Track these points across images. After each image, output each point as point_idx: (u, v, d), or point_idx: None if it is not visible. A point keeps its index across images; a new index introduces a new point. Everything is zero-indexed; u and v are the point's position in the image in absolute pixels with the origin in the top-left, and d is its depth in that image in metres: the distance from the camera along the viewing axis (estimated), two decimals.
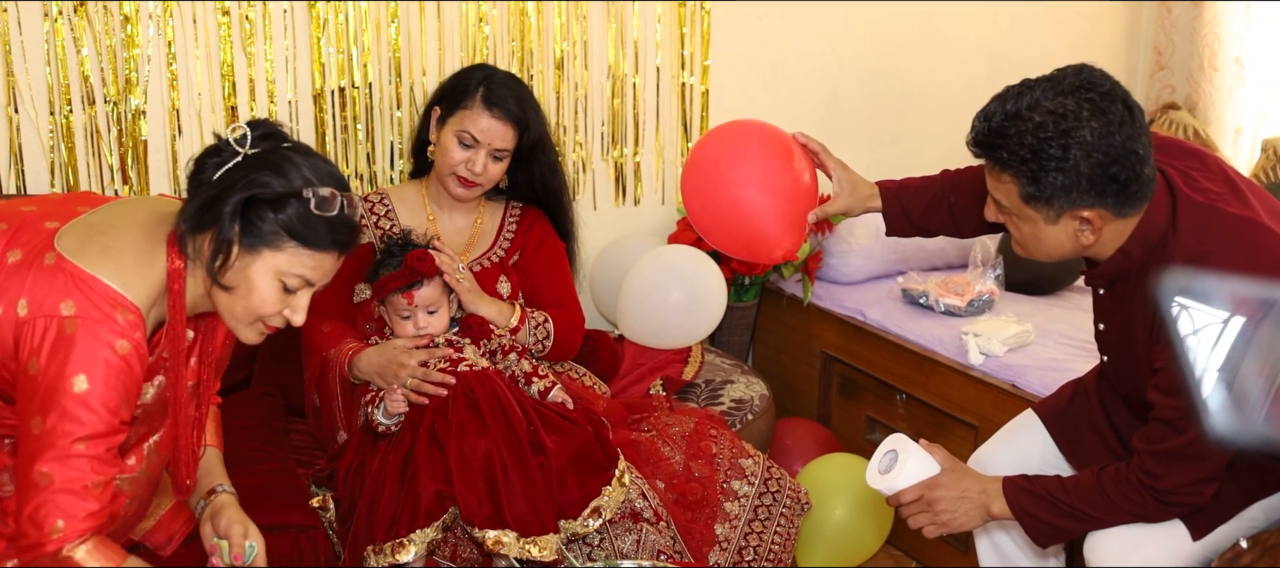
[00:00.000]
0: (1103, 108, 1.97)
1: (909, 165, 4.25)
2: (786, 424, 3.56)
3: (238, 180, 1.85)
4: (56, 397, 1.77)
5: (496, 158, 2.81)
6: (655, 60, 3.69)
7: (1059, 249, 2.12)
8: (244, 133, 1.89)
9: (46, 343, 1.78)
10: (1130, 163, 1.98)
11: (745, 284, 3.75)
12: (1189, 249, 2.04)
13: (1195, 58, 4.54)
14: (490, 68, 2.90)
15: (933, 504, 2.29)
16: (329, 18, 3.20)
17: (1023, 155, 1.99)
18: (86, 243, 1.86)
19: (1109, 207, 2.02)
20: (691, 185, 2.53)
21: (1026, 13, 4.42)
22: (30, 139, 2.96)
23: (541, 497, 2.40)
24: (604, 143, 3.69)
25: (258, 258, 1.87)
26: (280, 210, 1.85)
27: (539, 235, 2.98)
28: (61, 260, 1.82)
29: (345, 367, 2.62)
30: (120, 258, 1.86)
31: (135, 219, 1.94)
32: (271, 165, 1.87)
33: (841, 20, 4.04)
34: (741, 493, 2.69)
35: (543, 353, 2.87)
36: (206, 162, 1.90)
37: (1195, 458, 2.08)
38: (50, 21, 2.90)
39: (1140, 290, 2.12)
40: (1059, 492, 2.21)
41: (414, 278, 2.59)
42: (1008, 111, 2.01)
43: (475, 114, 2.78)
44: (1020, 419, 2.63)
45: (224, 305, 1.92)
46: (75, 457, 1.78)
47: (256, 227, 1.85)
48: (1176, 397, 2.04)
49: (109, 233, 1.89)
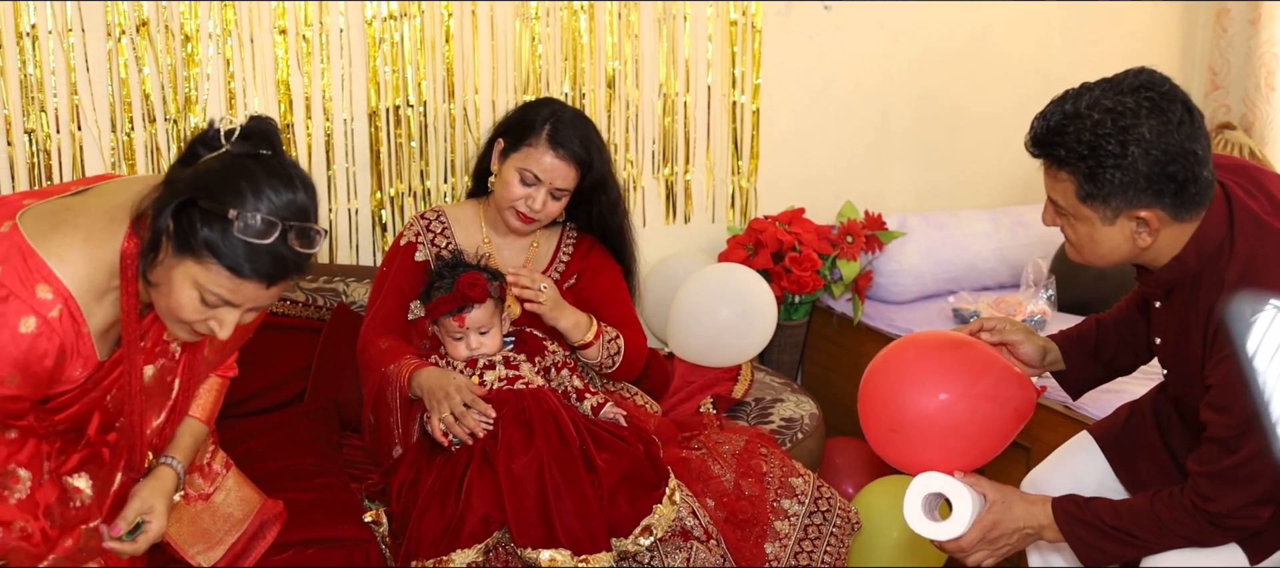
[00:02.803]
0: (1162, 107, 1.96)
1: (959, 184, 4.26)
2: (836, 443, 3.55)
3: (196, 179, 1.78)
4: None
5: (556, 197, 2.81)
6: (707, 79, 3.71)
7: (1115, 251, 2.09)
8: (234, 127, 1.82)
9: None
10: (1188, 163, 1.96)
11: (795, 303, 3.75)
12: (1243, 262, 2.02)
13: (1251, 77, 4.49)
14: (558, 105, 2.87)
15: (994, 542, 2.26)
16: (385, 37, 3.24)
17: (1081, 152, 1.98)
18: (47, 219, 1.82)
19: (1166, 208, 2.00)
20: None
21: (1079, 32, 4.39)
22: (93, 156, 3.02)
23: (594, 515, 2.41)
24: (655, 161, 3.70)
25: (181, 263, 1.78)
26: (209, 224, 1.75)
27: (597, 261, 2.99)
28: (14, 231, 1.80)
29: (405, 382, 2.64)
30: (70, 235, 1.82)
31: (112, 199, 1.89)
32: (226, 175, 1.77)
33: (893, 39, 4.04)
34: (791, 512, 2.69)
35: (612, 369, 2.88)
36: (197, 147, 1.84)
37: (1248, 479, 2.04)
38: (113, 41, 2.96)
39: (1196, 302, 2.09)
40: (1110, 517, 2.18)
41: (464, 302, 2.61)
42: (1066, 111, 2.01)
43: (539, 152, 2.77)
44: (1075, 441, 2.61)
45: (154, 298, 1.86)
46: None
47: (185, 233, 1.77)
48: (1229, 414, 2.02)
49: (74, 212, 1.85)
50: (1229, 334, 2.00)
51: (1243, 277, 2.01)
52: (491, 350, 2.66)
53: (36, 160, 2.96)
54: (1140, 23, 4.55)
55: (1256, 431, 2.00)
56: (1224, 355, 2.01)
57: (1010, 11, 4.25)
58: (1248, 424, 2.00)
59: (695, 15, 3.63)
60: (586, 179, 2.85)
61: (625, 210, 3.03)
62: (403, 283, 2.82)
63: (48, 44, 2.92)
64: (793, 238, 3.62)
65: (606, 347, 2.85)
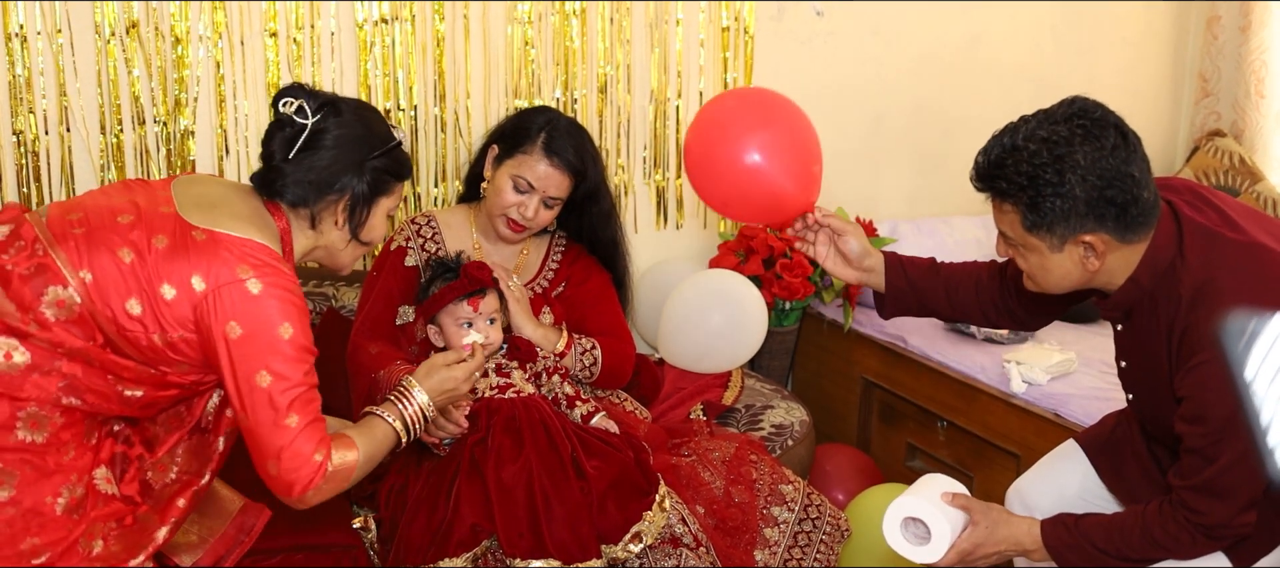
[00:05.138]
0: (1094, 133, 2.00)
1: (951, 191, 4.26)
2: (826, 450, 3.55)
3: (348, 154, 2.11)
4: (274, 348, 1.95)
5: (548, 205, 2.81)
6: (698, 85, 3.70)
7: (1067, 277, 2.13)
8: (300, 105, 2.09)
9: (240, 305, 1.94)
10: (1126, 185, 2.00)
11: (786, 309, 3.74)
12: (1197, 274, 2.05)
13: (1241, 85, 4.51)
14: (554, 113, 2.86)
15: (975, 563, 2.28)
16: (376, 41, 3.23)
17: (1021, 183, 2.04)
18: (215, 216, 2.01)
19: (1110, 231, 2.04)
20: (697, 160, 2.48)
21: (1071, 39, 4.40)
22: (81, 158, 3.00)
23: (583, 522, 2.40)
24: (646, 166, 3.70)
25: (376, 205, 2.18)
26: (388, 159, 2.16)
27: (584, 268, 2.98)
28: (212, 234, 1.97)
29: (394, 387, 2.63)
30: (250, 223, 2.03)
31: (226, 191, 2.12)
32: (363, 127, 2.14)
33: (886, 45, 4.04)
34: (781, 519, 2.69)
35: (591, 380, 2.86)
36: (275, 136, 2.11)
37: (1232, 487, 2.06)
38: (102, 42, 2.95)
39: (1155, 320, 2.12)
40: (1101, 539, 2.19)
41: (476, 285, 2.60)
42: (1005, 145, 2.08)
43: (534, 160, 2.77)
44: (1061, 449, 2.62)
45: (349, 255, 2.23)
46: (311, 397, 2.01)
47: (380, 182, 2.16)
48: (1204, 424, 2.04)
49: (222, 204, 2.05)
50: (1196, 343, 2.02)
51: (1199, 288, 2.04)
52: (497, 343, 2.65)
53: (25, 162, 2.94)
54: (1131, 30, 4.56)
55: (1232, 437, 2.03)
56: (1192, 365, 2.04)
57: (1003, 18, 4.26)
58: (1223, 431, 2.03)
59: (687, 20, 3.63)
60: (579, 189, 2.84)
61: (619, 222, 3.01)
62: (393, 287, 2.81)
63: (37, 45, 2.90)
64: (784, 244, 3.62)
65: (581, 358, 2.84)
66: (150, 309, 1.94)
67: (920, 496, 2.28)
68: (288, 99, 2.10)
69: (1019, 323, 2.53)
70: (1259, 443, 2.02)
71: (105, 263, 1.93)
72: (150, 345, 1.96)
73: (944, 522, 2.26)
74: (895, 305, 2.56)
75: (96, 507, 2.00)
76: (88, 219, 1.97)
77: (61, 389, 1.94)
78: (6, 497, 1.90)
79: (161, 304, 1.94)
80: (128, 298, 1.93)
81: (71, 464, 1.97)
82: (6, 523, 1.90)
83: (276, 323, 1.96)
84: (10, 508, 1.91)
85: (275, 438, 1.97)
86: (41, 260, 1.92)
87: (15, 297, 1.91)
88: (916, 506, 2.28)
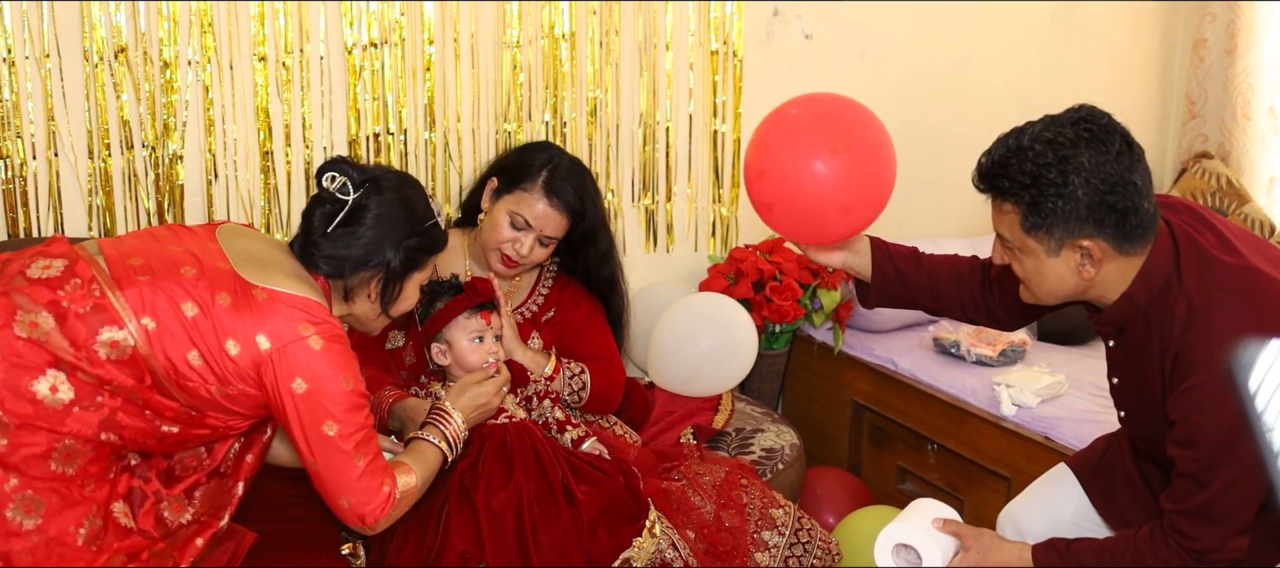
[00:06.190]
0: (1100, 138, 2.01)
1: (940, 213, 4.27)
2: (817, 473, 3.54)
3: (385, 233, 2.19)
4: (337, 400, 2.08)
5: (544, 243, 2.80)
6: (688, 108, 3.71)
7: (1062, 284, 2.12)
8: (344, 183, 2.18)
9: (304, 362, 2.05)
10: (1128, 193, 2.00)
11: (776, 332, 3.74)
12: (1191, 295, 2.05)
13: (1228, 107, 4.53)
14: (556, 151, 2.86)
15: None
16: (365, 65, 3.23)
17: (1023, 182, 2.04)
18: (268, 274, 2.10)
19: (1108, 238, 2.04)
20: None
21: (1059, 61, 4.42)
22: (69, 183, 2.99)
23: (573, 548, 2.39)
24: (635, 189, 3.70)
25: (409, 280, 2.27)
26: (424, 237, 2.25)
27: (574, 294, 2.98)
28: (272, 294, 2.06)
29: (385, 413, 2.62)
30: (300, 280, 2.14)
31: (270, 248, 2.22)
32: (402, 209, 2.22)
33: (874, 67, 4.05)
34: (772, 544, 2.68)
35: (580, 404, 2.86)
36: (316, 211, 2.20)
37: (1225, 512, 2.06)
38: (91, 67, 2.94)
39: (1149, 339, 2.12)
40: (1092, 563, 2.19)
41: (487, 298, 2.60)
42: (1010, 146, 2.08)
43: (533, 198, 2.77)
44: (1052, 473, 2.61)
45: (378, 324, 2.35)
46: (371, 436, 2.15)
47: (414, 259, 2.25)
48: (1196, 448, 2.04)
49: (272, 263, 2.14)
50: (1189, 366, 2.02)
51: (1192, 311, 2.04)
52: (503, 357, 2.65)
53: (13, 187, 2.93)
54: (1119, 51, 4.58)
55: (1226, 462, 2.02)
56: (1185, 389, 2.03)
57: (991, 41, 4.28)
58: (1216, 456, 2.02)
59: (676, 44, 3.63)
60: (577, 229, 2.84)
61: (617, 261, 3.01)
62: None
63: (24, 70, 2.89)
64: (774, 267, 3.62)
65: (570, 382, 2.83)
66: (211, 362, 2.02)
67: (911, 521, 2.29)
68: (331, 174, 2.18)
69: (997, 321, 2.52)
70: (1255, 468, 2.02)
71: (169, 313, 2.00)
72: (207, 395, 2.05)
73: (935, 547, 2.25)
74: (880, 295, 2.54)
75: (115, 539, 2.02)
76: (151, 267, 2.03)
77: (101, 424, 1.98)
78: (33, 525, 1.93)
79: (226, 359, 2.02)
80: (189, 349, 2.01)
81: (91, 496, 2.00)
82: (30, 551, 1.93)
83: (338, 377, 2.08)
84: (35, 536, 1.93)
85: (346, 478, 2.12)
86: (99, 300, 1.97)
87: (70, 333, 1.95)
88: (908, 531, 2.28)
